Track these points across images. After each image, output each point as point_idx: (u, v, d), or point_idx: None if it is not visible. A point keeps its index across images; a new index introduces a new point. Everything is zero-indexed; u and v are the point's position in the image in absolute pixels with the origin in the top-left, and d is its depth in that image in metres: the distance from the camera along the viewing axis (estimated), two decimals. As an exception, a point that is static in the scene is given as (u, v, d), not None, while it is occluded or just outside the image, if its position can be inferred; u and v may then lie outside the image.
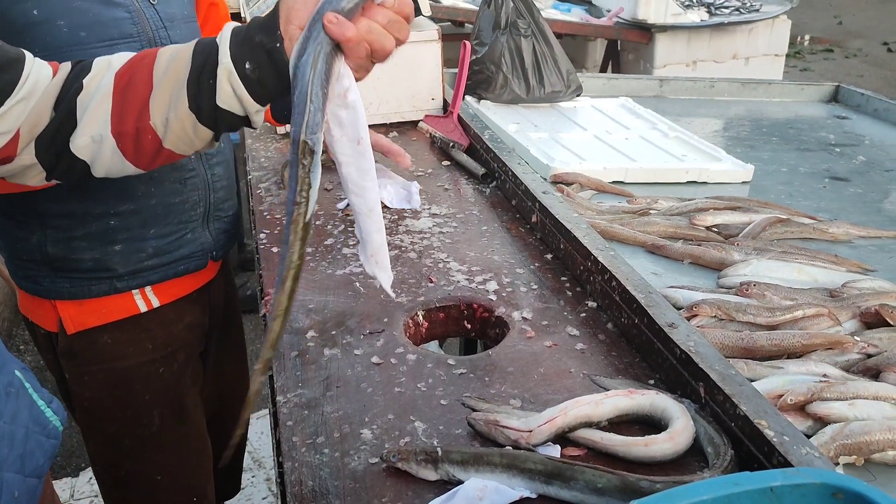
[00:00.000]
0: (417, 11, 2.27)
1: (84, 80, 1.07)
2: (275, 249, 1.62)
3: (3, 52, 1.05)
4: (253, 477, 2.87)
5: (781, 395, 1.09)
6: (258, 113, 1.05)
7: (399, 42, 0.99)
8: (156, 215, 1.51)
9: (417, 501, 0.96)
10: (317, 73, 0.93)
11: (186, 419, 1.76)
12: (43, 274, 1.51)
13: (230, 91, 1.01)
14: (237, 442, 1.16)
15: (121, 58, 1.09)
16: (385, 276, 1.10)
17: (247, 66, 0.99)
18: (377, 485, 1.00)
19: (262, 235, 1.69)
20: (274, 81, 1.00)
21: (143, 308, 1.55)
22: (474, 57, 2.54)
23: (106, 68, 1.08)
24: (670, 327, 1.18)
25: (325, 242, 1.65)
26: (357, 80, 0.99)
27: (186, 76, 1.02)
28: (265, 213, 1.79)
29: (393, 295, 1.27)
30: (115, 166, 1.09)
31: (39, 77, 1.07)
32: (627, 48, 5.36)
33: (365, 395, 1.17)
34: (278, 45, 0.98)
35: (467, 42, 2.26)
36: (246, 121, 1.06)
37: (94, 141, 1.06)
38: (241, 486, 2.48)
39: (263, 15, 1.03)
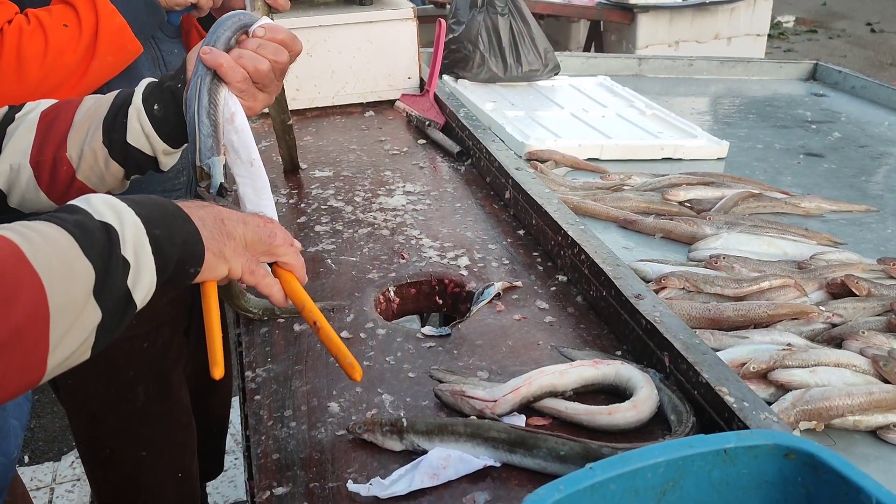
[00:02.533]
0: (390, -11, 2.26)
1: (17, 114, 1.14)
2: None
3: None
4: (236, 459, 2.88)
5: (745, 364, 1.10)
6: (167, 154, 1.11)
7: (275, 63, 1.08)
8: (138, 185, 1.51)
9: (382, 472, 0.97)
10: (201, 103, 1.04)
11: (171, 395, 1.76)
12: None
13: (139, 128, 1.09)
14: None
15: (49, 102, 1.17)
16: None
17: (154, 106, 1.09)
18: (343, 456, 1.00)
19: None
20: (177, 118, 1.09)
21: None
22: (451, 36, 2.53)
23: (35, 106, 1.15)
24: (637, 298, 1.19)
25: (298, 220, 1.64)
26: (248, 106, 1.09)
27: (104, 115, 1.10)
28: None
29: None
30: (30, 195, 1.13)
31: None
32: (610, 29, 5.35)
33: (333, 369, 1.17)
34: (180, 85, 1.08)
35: (442, 20, 2.26)
36: (154, 163, 1.12)
37: (13, 169, 1.11)
38: (224, 468, 2.49)
39: None
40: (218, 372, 0.93)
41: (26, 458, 2.96)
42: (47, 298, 0.72)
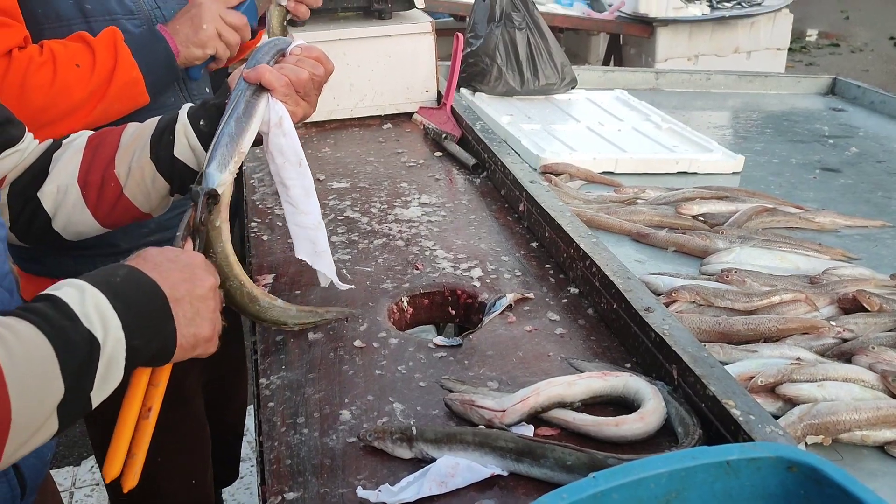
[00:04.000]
0: (410, 5, 2.30)
1: (63, 141, 1.21)
2: (265, 237, 1.65)
3: (13, 116, 1.19)
4: (252, 466, 2.90)
5: (753, 377, 1.11)
6: None
7: (313, 75, 1.18)
8: None
9: (392, 479, 0.98)
10: (235, 110, 1.10)
11: (185, 403, 1.79)
12: (47, 253, 1.55)
13: (185, 143, 1.15)
14: None
15: (88, 132, 1.24)
16: (335, 277, 1.29)
17: (200, 122, 1.16)
18: (353, 463, 1.02)
19: (253, 224, 1.71)
20: None
21: None
22: (469, 49, 2.56)
23: (80, 133, 1.22)
24: (646, 311, 1.20)
25: (315, 231, 1.67)
26: (292, 111, 1.17)
27: (150, 134, 1.17)
28: (257, 203, 1.81)
29: (345, 287, 1.36)
30: (76, 216, 1.18)
31: (35, 140, 1.21)
32: (629, 42, 5.37)
33: (346, 378, 1.19)
34: (225, 101, 1.14)
35: (460, 34, 2.28)
36: (201, 177, 1.16)
37: (60, 190, 1.17)
38: (241, 475, 2.52)
39: None
40: (113, 473, 0.93)
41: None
42: (11, 418, 0.73)
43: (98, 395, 0.84)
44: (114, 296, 0.85)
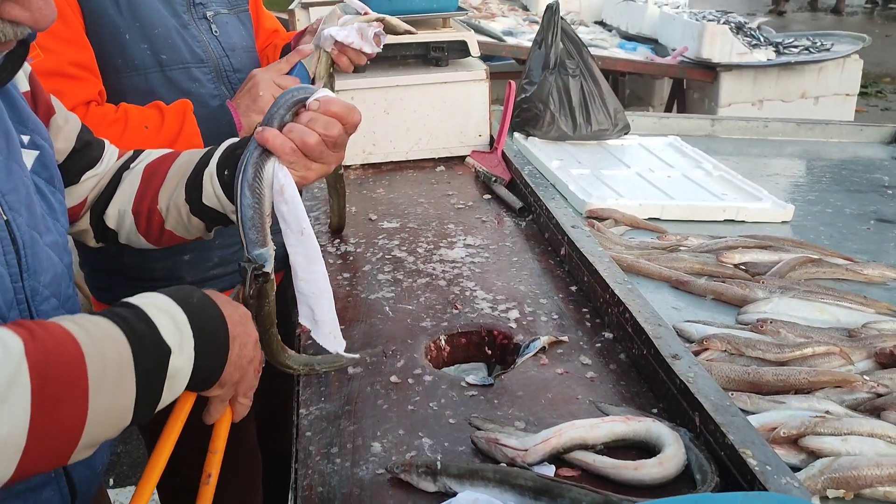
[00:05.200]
0: (466, 53, 2.38)
1: (132, 164, 1.29)
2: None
3: (93, 136, 1.28)
4: (301, 495, 2.97)
5: (776, 428, 1.12)
6: (234, 213, 1.19)
7: (325, 136, 1.10)
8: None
9: (415, 510, 1.03)
10: (245, 176, 1.09)
11: (239, 429, 1.87)
12: (119, 283, 1.68)
13: (211, 191, 1.18)
14: None
15: (160, 151, 1.31)
16: (341, 345, 1.23)
17: (225, 172, 1.16)
18: (380, 493, 1.07)
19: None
20: None
21: None
22: (523, 95, 2.63)
23: (146, 156, 1.30)
24: (673, 358, 1.22)
25: (363, 268, 1.75)
26: (301, 176, 1.13)
27: (188, 173, 1.21)
28: (311, 240, 1.90)
29: (355, 356, 1.34)
30: (133, 237, 1.28)
31: (112, 157, 1.30)
32: (693, 87, 5.36)
33: (380, 412, 1.25)
34: None
35: (512, 82, 2.36)
36: (228, 219, 1.22)
37: (120, 213, 1.26)
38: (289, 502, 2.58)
39: None
40: None
41: (111, 481, 3.13)
42: (89, 399, 0.79)
43: (160, 405, 0.90)
44: (189, 313, 0.93)
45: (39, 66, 1.43)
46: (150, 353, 0.87)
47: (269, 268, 1.13)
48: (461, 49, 2.37)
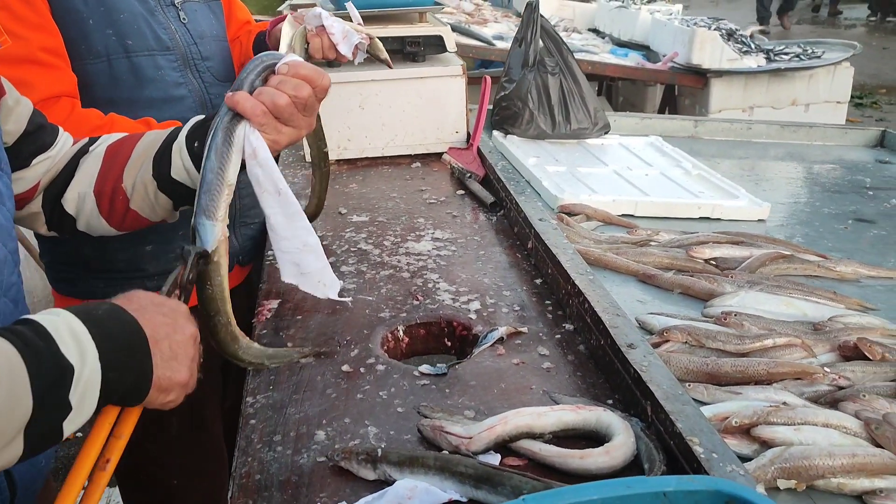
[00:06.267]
0: (442, 48, 2.36)
1: (91, 147, 1.25)
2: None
3: (47, 120, 1.25)
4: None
5: (728, 417, 1.09)
6: None
7: (295, 98, 1.10)
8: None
9: (353, 498, 1.00)
10: (214, 141, 1.08)
11: (204, 427, 1.84)
12: (79, 275, 1.64)
13: (181, 164, 1.16)
14: None
15: (120, 134, 1.29)
16: (334, 291, 1.23)
17: (195, 144, 1.15)
18: (318, 481, 1.04)
19: (269, 252, 1.77)
20: None
21: None
22: (503, 93, 2.61)
23: (106, 139, 1.26)
24: (629, 348, 1.19)
25: (328, 260, 1.71)
26: (273, 140, 1.13)
27: (155, 150, 1.19)
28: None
29: (345, 299, 1.39)
30: (94, 221, 1.24)
31: (66, 142, 1.26)
32: (684, 93, 5.34)
33: (328, 400, 1.22)
34: None
35: (487, 77, 2.34)
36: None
37: (80, 196, 1.22)
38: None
39: None
40: None
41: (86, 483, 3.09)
42: None
43: (71, 425, 0.83)
44: (93, 325, 0.86)
45: (9, 53, 1.40)
46: (46, 364, 0.81)
47: (211, 247, 1.09)
48: (438, 44, 2.35)
